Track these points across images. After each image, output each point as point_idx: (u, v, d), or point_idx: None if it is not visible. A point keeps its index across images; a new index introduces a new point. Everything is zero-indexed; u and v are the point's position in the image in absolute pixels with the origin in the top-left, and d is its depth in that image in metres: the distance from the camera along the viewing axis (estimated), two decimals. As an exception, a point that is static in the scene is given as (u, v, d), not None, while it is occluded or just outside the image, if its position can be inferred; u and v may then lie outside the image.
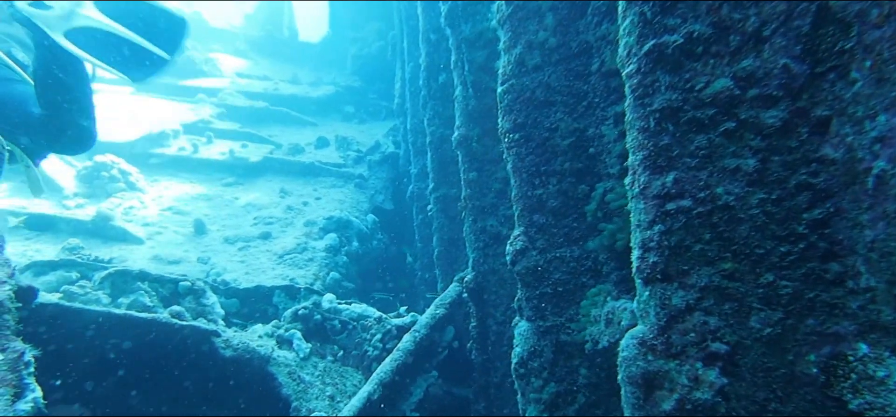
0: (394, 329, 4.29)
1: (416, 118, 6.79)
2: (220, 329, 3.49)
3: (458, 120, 4.38)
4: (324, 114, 10.30)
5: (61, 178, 7.16)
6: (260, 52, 14.60)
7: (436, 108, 5.53)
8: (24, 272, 4.44)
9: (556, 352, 3.07)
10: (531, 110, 3.04)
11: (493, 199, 4.38)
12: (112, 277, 3.80)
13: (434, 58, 5.47)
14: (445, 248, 5.56)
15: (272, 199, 7.06)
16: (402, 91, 7.71)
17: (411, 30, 6.70)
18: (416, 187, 6.74)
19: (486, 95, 4.29)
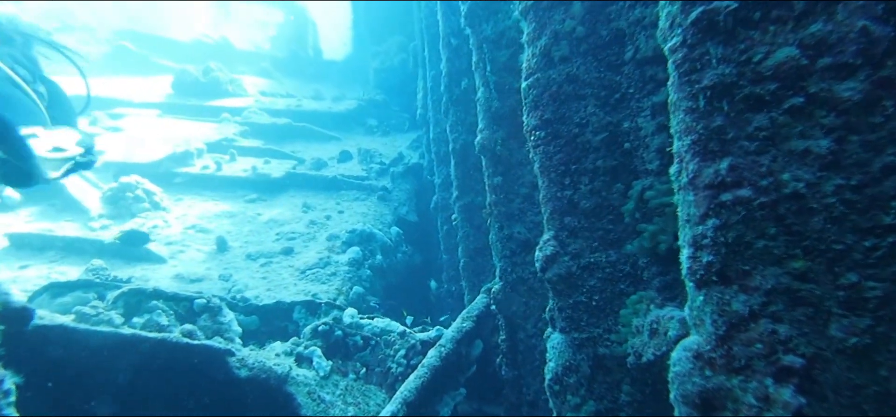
0: (418, 344, 4.08)
1: (439, 127, 6.62)
2: (235, 348, 3.33)
3: (480, 123, 4.18)
4: (347, 128, 10.22)
5: (87, 200, 7.19)
6: (284, 72, 14.71)
7: (458, 114, 5.34)
8: (42, 294, 4.38)
9: (594, 367, 2.82)
10: (559, 105, 2.82)
11: (520, 204, 4.15)
12: (125, 296, 3.68)
13: (455, 63, 5.29)
14: (471, 258, 5.34)
15: (295, 214, 6.94)
16: (424, 101, 7.56)
17: (432, 38, 6.55)
18: (440, 198, 6.55)
19: (510, 96, 4.09)
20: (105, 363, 2.80)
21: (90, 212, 6.92)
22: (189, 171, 7.88)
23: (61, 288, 4.34)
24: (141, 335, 2.84)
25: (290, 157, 8.49)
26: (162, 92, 11.41)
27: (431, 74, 6.67)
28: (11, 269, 5.93)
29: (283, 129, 9.59)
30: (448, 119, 5.45)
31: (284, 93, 11.84)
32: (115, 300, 3.63)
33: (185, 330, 3.12)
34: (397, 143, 9.30)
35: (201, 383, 3.10)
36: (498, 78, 4.03)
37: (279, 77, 14.05)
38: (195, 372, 3.07)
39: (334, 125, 10.16)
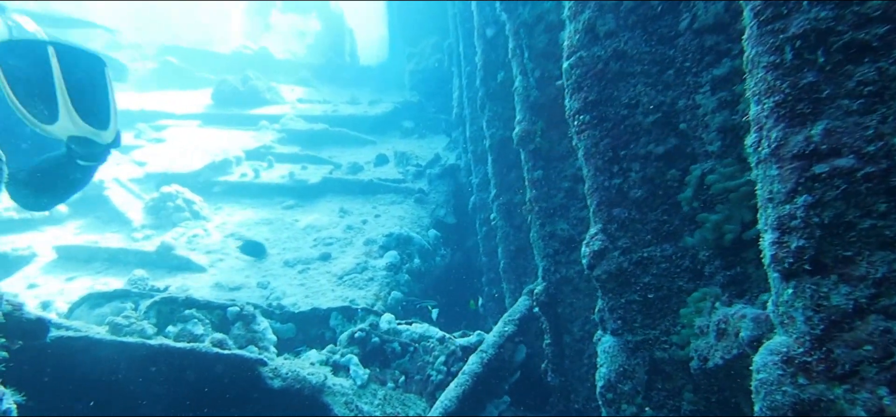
0: (458, 350, 3.87)
1: (476, 125, 6.41)
2: (268, 358, 3.20)
3: (518, 115, 3.95)
4: (383, 131, 10.12)
5: (130, 211, 7.28)
6: (322, 79, 14.80)
7: (495, 108, 5.12)
8: (81, 305, 4.37)
9: (651, 372, 2.55)
10: (605, 85, 2.57)
11: (563, 199, 3.90)
12: (158, 305, 3.61)
13: (491, 55, 5.08)
14: (511, 259, 5.10)
15: (332, 219, 6.85)
16: (459, 99, 7.37)
17: (467, 32, 6.36)
18: (478, 198, 6.34)
19: (549, 84, 3.85)
20: (132, 376, 2.70)
21: (133, 223, 7.00)
22: (228, 179, 7.91)
23: (99, 299, 4.33)
24: (169, 346, 2.73)
25: (327, 162, 8.44)
26: (203, 103, 11.60)
27: (467, 70, 6.48)
28: (59, 280, 6.03)
29: (320, 134, 9.57)
30: (484, 115, 5.24)
31: (321, 99, 11.86)
32: (148, 309, 3.56)
33: (215, 340, 3.00)
34: (434, 144, 9.14)
35: (233, 394, 2.97)
36: (536, 65, 3.80)
37: (317, 85, 14.14)
38: (226, 383, 2.95)
39: (370, 129, 10.08)
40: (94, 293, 4.39)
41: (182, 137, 9.49)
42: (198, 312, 3.63)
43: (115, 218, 7.26)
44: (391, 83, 12.83)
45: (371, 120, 10.28)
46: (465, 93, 6.59)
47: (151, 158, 8.50)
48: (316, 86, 14.15)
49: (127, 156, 8.81)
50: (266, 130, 9.74)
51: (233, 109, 10.97)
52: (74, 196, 3.20)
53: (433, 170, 7.76)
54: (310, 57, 17.57)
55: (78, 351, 2.61)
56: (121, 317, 3.36)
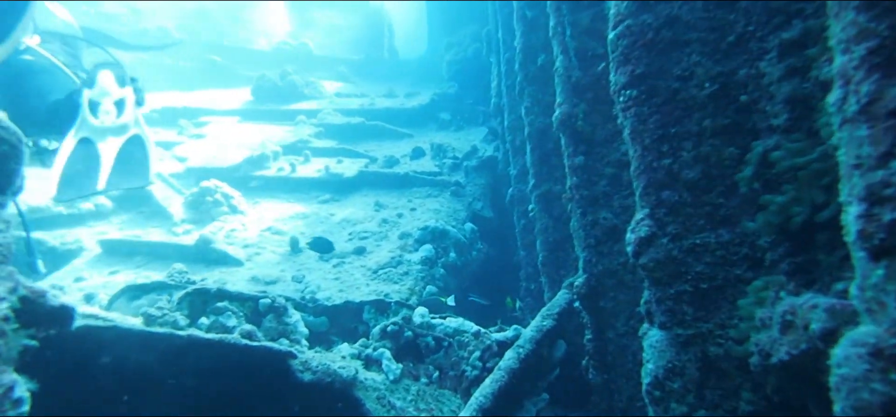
0: (494, 345, 3.71)
1: (514, 114, 6.22)
2: (298, 350, 3.11)
3: (559, 96, 3.75)
4: (420, 124, 10.01)
5: (171, 206, 7.38)
6: (361, 74, 14.85)
7: (534, 94, 4.93)
8: (120, 297, 4.40)
9: (703, 369, 2.33)
10: (655, 56, 2.36)
11: (606, 186, 3.68)
12: (190, 297, 3.58)
13: (530, 37, 4.88)
14: (550, 251, 4.90)
15: (367, 213, 6.78)
16: (498, 88, 7.18)
17: (506, 17, 6.17)
18: (516, 190, 6.15)
19: (593, 64, 3.63)
20: (161, 367, 2.65)
21: (174, 217, 7.10)
22: (265, 173, 7.95)
23: (137, 291, 4.35)
24: (197, 337, 2.67)
25: (363, 156, 8.38)
26: (243, 99, 11.76)
27: (505, 56, 6.29)
28: (102, 274, 6.14)
29: (356, 128, 9.53)
30: (523, 101, 5.05)
31: (358, 93, 11.85)
32: (180, 301, 3.53)
33: (244, 331, 2.93)
34: (471, 136, 8.97)
35: (262, 387, 2.89)
36: (578, 43, 3.60)
37: (355, 80, 14.17)
38: (256, 376, 2.87)
39: (407, 122, 9.99)
40: (132, 285, 4.42)
41: (222, 132, 9.61)
42: (230, 304, 3.58)
43: (157, 213, 7.38)
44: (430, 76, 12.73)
45: (408, 113, 10.19)
46: (504, 81, 6.40)
47: (192, 153, 8.62)
48: (354, 81, 14.19)
49: (169, 152, 8.97)
50: (303, 124, 9.77)
51: (271, 105, 11.07)
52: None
53: (470, 162, 7.60)
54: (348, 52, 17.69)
55: (106, 342, 2.57)
56: (154, 308, 3.33)
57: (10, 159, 1.92)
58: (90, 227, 7.22)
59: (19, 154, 1.96)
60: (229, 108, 11.13)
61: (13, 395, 1.44)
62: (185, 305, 3.54)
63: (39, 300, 2.01)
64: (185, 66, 17.35)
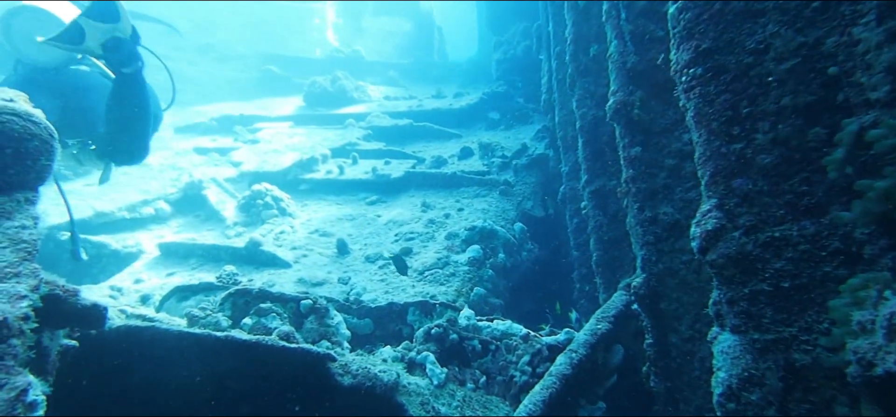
0: (545, 350, 3.48)
1: (565, 109, 5.96)
2: (337, 353, 2.98)
3: (613, 85, 3.50)
4: (468, 124, 9.85)
5: (225, 209, 7.50)
6: (410, 78, 14.87)
7: (586, 86, 4.67)
8: (170, 298, 4.43)
9: (787, 379, 2.04)
10: (724, 28, 2.10)
11: (666, 179, 3.39)
12: (233, 298, 3.52)
13: (582, 27, 4.63)
14: (605, 251, 4.62)
15: (414, 214, 6.66)
16: (549, 83, 6.93)
17: (557, 10, 5.92)
18: (568, 188, 5.88)
19: (650, 48, 3.36)
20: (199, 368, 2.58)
21: (227, 220, 7.20)
22: (314, 176, 7.97)
23: (186, 292, 4.37)
24: (234, 338, 2.58)
25: (410, 157, 8.29)
26: (296, 105, 11.94)
27: (556, 51, 6.04)
28: (160, 276, 6.27)
29: (404, 129, 9.46)
30: (574, 94, 4.80)
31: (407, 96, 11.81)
32: (223, 301, 3.49)
33: (282, 333, 2.83)
34: (521, 135, 8.73)
35: (301, 390, 2.78)
36: (635, 26, 3.33)
37: (405, 84, 14.19)
38: (293, 379, 2.76)
39: (455, 122, 9.84)
40: (181, 287, 4.45)
41: (274, 137, 9.75)
42: (272, 304, 3.51)
43: (212, 216, 7.51)
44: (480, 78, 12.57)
45: (456, 113, 10.04)
46: (554, 76, 6.15)
47: (246, 158, 8.77)
48: (404, 85, 14.20)
49: (224, 157, 9.17)
50: (352, 127, 9.79)
51: (322, 110, 11.18)
52: (151, 142, 3.84)
53: (520, 160, 7.37)
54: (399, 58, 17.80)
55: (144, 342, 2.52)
56: (197, 309, 3.30)
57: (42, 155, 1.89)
58: (150, 230, 7.42)
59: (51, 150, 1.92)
60: (282, 114, 11.32)
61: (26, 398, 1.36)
62: (227, 306, 3.49)
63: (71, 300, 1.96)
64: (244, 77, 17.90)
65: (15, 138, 1.84)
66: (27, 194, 1.82)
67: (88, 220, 6.71)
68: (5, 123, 1.81)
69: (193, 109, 13.60)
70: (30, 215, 1.76)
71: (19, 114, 1.86)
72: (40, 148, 1.85)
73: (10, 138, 1.83)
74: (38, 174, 1.85)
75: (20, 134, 1.85)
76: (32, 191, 1.85)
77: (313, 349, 2.78)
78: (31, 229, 1.72)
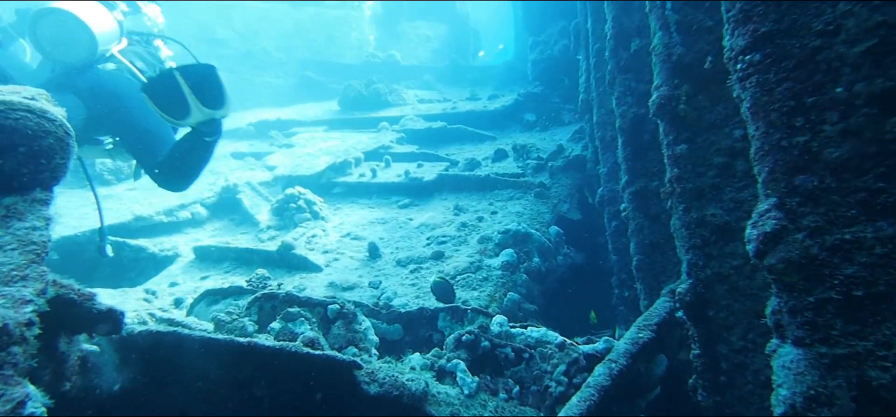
0: (582, 359, 3.28)
1: (604, 107, 5.73)
2: (364, 360, 2.86)
3: (657, 79, 3.28)
4: (503, 126, 9.66)
5: (259, 213, 7.52)
6: (445, 82, 14.80)
7: (627, 82, 4.45)
8: (200, 302, 4.40)
9: (861, 399, 1.80)
10: (786, 10, 1.89)
11: (715, 178, 3.16)
12: (259, 302, 3.45)
13: (624, 21, 4.42)
14: (646, 255, 4.38)
15: (446, 217, 6.52)
16: (586, 82, 6.70)
17: (596, 6, 5.71)
18: (606, 189, 5.64)
19: (698, 39, 3.14)
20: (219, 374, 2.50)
21: (260, 224, 7.21)
22: (347, 180, 7.93)
23: (216, 295, 4.33)
24: (257, 344, 2.48)
25: (443, 159, 8.16)
26: (331, 109, 11.98)
27: (595, 48, 5.82)
28: (194, 279, 6.30)
29: (438, 132, 9.34)
30: (614, 90, 4.58)
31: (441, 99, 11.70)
32: (249, 306, 3.41)
33: (306, 339, 2.73)
34: (557, 137, 8.50)
35: (325, 398, 2.66)
36: (681, 16, 3.12)
37: (440, 88, 14.10)
38: (318, 386, 2.65)
39: (490, 124, 9.67)
40: (211, 290, 4.42)
41: (309, 141, 9.78)
42: (300, 309, 3.41)
43: (246, 220, 7.55)
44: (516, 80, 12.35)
45: (490, 115, 9.86)
46: (593, 74, 5.93)
47: (281, 162, 8.81)
48: (439, 88, 14.11)
49: (260, 161, 9.24)
50: (386, 131, 9.73)
51: (356, 114, 11.17)
52: (203, 172, 3.93)
53: (556, 162, 7.15)
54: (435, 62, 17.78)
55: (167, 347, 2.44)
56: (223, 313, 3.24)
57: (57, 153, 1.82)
58: (186, 234, 7.49)
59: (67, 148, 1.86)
60: (318, 118, 11.37)
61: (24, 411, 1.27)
62: (254, 310, 3.42)
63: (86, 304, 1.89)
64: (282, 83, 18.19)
65: (29, 136, 1.78)
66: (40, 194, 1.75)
67: (128, 224, 6.81)
68: (19, 119, 1.75)
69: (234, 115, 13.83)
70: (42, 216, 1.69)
71: (34, 111, 1.80)
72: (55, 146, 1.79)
73: (24, 136, 1.77)
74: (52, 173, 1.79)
75: (34, 131, 1.79)
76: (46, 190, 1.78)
77: (338, 356, 2.66)
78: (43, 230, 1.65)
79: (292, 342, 2.49)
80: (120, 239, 6.49)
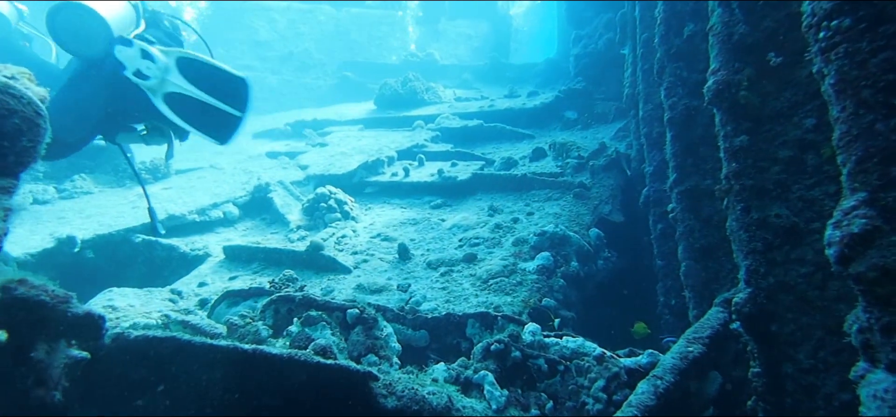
0: (623, 374, 2.95)
1: (651, 103, 5.34)
2: (383, 370, 2.62)
3: (714, 62, 2.92)
4: (543, 124, 9.29)
5: (290, 212, 7.39)
6: (484, 80, 14.52)
7: (678, 71, 4.07)
8: (220, 304, 4.25)
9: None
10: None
11: (780, 173, 2.78)
12: (275, 305, 3.24)
13: (676, 4, 4.05)
14: (697, 260, 3.99)
15: (480, 218, 6.22)
16: (632, 76, 6.31)
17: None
18: (652, 190, 5.25)
19: (764, 16, 2.77)
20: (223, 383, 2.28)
21: (291, 224, 7.07)
22: (379, 179, 7.73)
23: (237, 297, 4.17)
24: (263, 352, 2.26)
25: (479, 158, 7.86)
26: (367, 109, 11.86)
27: (643, 37, 5.44)
28: (223, 279, 6.18)
29: (474, 131, 9.05)
30: (664, 82, 4.20)
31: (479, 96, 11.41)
32: (264, 309, 3.21)
33: (318, 347, 2.49)
34: (600, 135, 8.09)
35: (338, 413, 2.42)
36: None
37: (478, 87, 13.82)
38: (330, 399, 2.41)
39: (529, 122, 9.31)
40: (232, 291, 4.26)
41: (343, 140, 9.65)
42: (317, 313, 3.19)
43: (277, 219, 7.43)
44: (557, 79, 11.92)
45: (529, 112, 9.50)
46: (640, 65, 5.54)
47: (314, 161, 8.69)
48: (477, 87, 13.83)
49: (293, 161, 9.15)
50: (421, 129, 9.50)
51: (392, 112, 11.00)
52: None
53: (597, 161, 6.76)
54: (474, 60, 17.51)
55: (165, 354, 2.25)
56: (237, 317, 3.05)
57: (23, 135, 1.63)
58: (218, 233, 7.42)
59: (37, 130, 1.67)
60: (354, 117, 11.25)
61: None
62: (269, 314, 3.21)
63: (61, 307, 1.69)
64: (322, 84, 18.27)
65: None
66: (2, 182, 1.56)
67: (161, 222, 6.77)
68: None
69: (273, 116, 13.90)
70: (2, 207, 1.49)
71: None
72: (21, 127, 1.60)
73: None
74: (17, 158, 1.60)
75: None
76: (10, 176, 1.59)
77: (352, 366, 2.42)
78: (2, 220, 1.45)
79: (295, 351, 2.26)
80: (152, 238, 6.45)
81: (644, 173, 5.49)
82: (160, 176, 8.53)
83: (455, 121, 9.51)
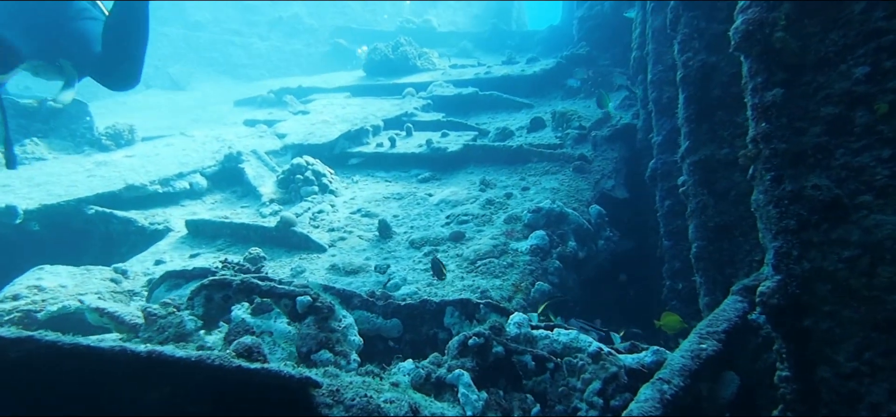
0: (623, 374, 2.46)
1: (662, 63, 4.79)
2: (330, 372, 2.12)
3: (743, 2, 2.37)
4: (543, 93, 8.70)
5: (262, 185, 6.85)
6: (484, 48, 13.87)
7: (694, 22, 3.53)
8: (160, 286, 3.76)
9: None
10: None
11: (821, 136, 2.26)
12: (206, 291, 2.72)
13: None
14: (710, 240, 3.49)
15: (470, 193, 5.70)
16: (641, 36, 5.72)
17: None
18: (660, 162, 4.72)
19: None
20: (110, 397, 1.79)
21: (263, 197, 6.55)
22: (363, 150, 7.19)
23: (178, 278, 3.67)
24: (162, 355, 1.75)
25: (472, 129, 7.31)
26: (357, 76, 11.27)
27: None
28: (183, 257, 5.65)
29: (468, 99, 8.48)
30: (677, 35, 3.65)
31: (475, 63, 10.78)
32: (192, 296, 2.70)
33: (241, 346, 2.00)
34: (604, 104, 7.52)
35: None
36: None
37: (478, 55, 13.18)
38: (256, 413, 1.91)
39: (529, 91, 8.72)
40: (173, 272, 3.76)
41: (326, 108, 9.08)
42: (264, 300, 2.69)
43: (249, 192, 6.90)
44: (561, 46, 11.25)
45: (528, 79, 8.88)
46: (650, 22, 4.97)
47: (293, 130, 8.13)
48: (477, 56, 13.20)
49: (271, 129, 8.59)
50: (411, 97, 8.93)
51: (382, 79, 10.41)
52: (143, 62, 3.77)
53: (600, 132, 6.22)
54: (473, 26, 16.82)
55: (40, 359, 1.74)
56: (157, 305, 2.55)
57: None
58: (183, 206, 6.86)
59: None
60: (340, 85, 10.66)
61: None
62: (198, 302, 2.70)
63: None
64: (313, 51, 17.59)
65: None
66: None
67: (118, 192, 6.23)
68: None
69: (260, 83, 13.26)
70: None
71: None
72: None
73: None
74: None
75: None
76: None
77: (283, 371, 1.92)
78: None
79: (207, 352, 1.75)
80: (108, 210, 5.92)
81: (651, 145, 4.95)
82: (123, 143, 7.93)
83: (448, 89, 8.93)
